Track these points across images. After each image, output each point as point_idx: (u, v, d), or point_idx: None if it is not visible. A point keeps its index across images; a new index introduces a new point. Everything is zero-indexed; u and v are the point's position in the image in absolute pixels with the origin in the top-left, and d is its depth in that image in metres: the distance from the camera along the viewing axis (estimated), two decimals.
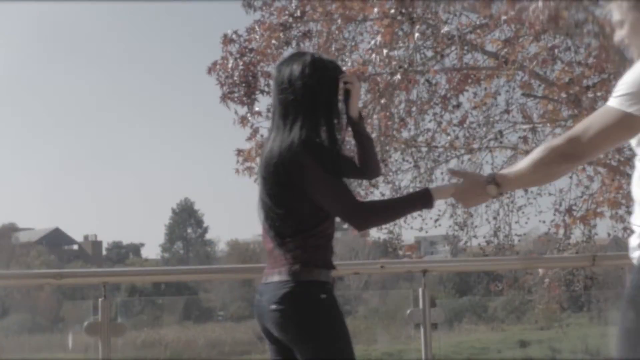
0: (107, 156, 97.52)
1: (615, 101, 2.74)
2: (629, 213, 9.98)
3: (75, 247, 70.85)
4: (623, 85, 2.74)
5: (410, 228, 11.44)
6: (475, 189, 3.12)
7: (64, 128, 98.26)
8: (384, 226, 11.14)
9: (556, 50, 9.46)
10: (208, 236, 71.35)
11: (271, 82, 3.23)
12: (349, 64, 10.21)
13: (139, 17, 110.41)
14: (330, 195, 3.11)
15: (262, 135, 10.59)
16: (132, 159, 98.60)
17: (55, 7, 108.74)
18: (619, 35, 3.03)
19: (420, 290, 4.55)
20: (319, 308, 3.10)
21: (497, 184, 3.04)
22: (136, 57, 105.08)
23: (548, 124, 10.53)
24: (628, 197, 9.93)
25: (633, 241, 2.91)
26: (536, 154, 2.90)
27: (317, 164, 3.08)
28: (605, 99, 9.66)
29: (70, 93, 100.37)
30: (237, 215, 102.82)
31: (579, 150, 2.81)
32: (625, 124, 2.73)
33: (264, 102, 10.57)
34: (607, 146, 2.89)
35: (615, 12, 3.01)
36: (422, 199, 3.18)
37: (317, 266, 3.13)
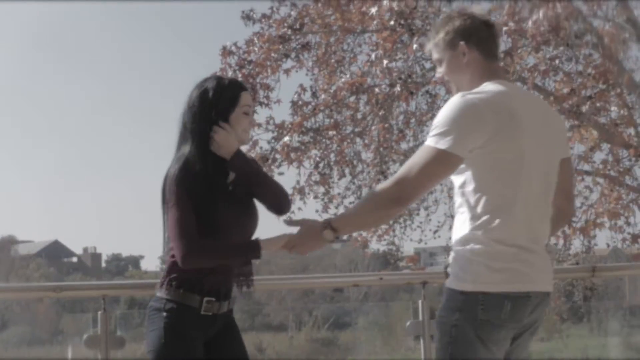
0: (107, 168, 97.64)
1: (431, 140, 2.89)
2: (629, 224, 10.01)
3: (75, 259, 70.73)
4: (436, 124, 2.90)
5: (409, 240, 11.43)
6: (311, 235, 3.13)
7: (63, 140, 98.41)
8: (384, 237, 11.14)
9: (557, 61, 9.47)
10: None
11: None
12: (348, 75, 10.23)
13: (139, 29, 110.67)
14: (171, 224, 3.21)
15: (261, 147, 10.59)
16: (131, 170, 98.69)
17: (55, 17, 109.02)
18: (439, 72, 3.22)
19: (420, 302, 4.54)
20: (157, 323, 3.26)
21: (333, 229, 3.06)
22: (136, 68, 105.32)
23: None
24: (627, 207, 9.93)
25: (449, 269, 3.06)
26: (367, 198, 3.12)
27: (180, 192, 3.20)
28: (605, 110, 9.70)
29: (70, 105, 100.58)
30: None
31: (405, 193, 2.93)
32: (442, 161, 2.88)
33: (263, 114, 10.58)
34: (431, 184, 3.02)
35: (434, 52, 3.20)
36: (250, 250, 3.26)
37: (170, 285, 3.27)
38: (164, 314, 3.24)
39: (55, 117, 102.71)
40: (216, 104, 3.29)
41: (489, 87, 2.99)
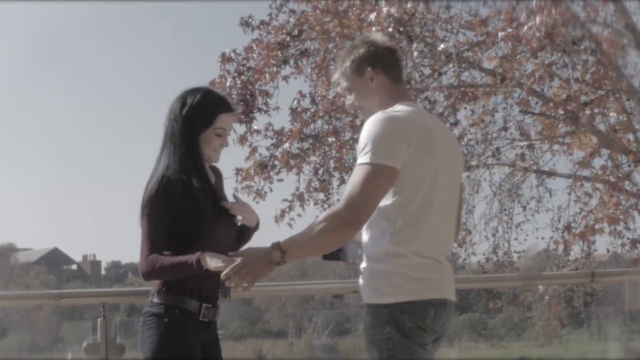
0: (106, 175, 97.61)
1: (365, 157, 2.96)
2: (628, 229, 10.01)
3: (74, 267, 70.68)
4: (365, 141, 2.98)
5: None
6: (258, 261, 3.02)
7: (61, 147, 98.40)
8: None
9: (553, 67, 9.48)
10: None
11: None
12: None
13: (137, 37, 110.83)
14: (141, 236, 3.30)
15: (260, 154, 10.59)
16: (130, 177, 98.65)
17: (52, 26, 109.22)
18: (350, 100, 3.32)
19: None
20: (156, 329, 3.26)
21: (281, 251, 2.99)
22: (135, 76, 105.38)
23: (545, 141, 10.54)
24: (627, 213, 9.93)
25: (360, 281, 3.15)
26: (319, 222, 2.98)
27: (156, 203, 3.25)
28: (603, 115, 9.70)
29: (68, 112, 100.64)
30: None
31: (356, 216, 2.95)
32: (382, 175, 2.95)
33: (262, 120, 10.58)
34: (378, 201, 3.00)
35: (342, 81, 3.31)
36: (193, 267, 3.21)
37: (170, 291, 3.29)
38: (165, 320, 3.25)
39: (53, 125, 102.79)
40: (190, 119, 3.33)
41: (401, 107, 3.12)
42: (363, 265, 3.12)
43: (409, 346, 2.98)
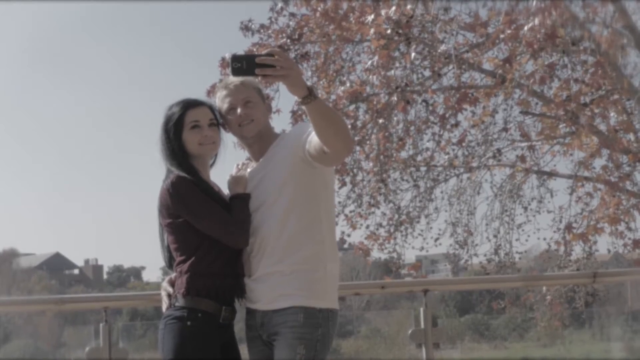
0: (107, 179, 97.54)
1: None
2: (629, 229, 10.02)
3: (76, 271, 70.67)
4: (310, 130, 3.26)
5: (411, 247, 11.43)
6: (298, 69, 3.23)
7: (62, 151, 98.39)
8: (385, 246, 11.11)
9: (554, 69, 9.48)
10: None
11: None
12: (347, 84, 10.24)
13: (137, 41, 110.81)
14: (208, 224, 3.42)
15: None
16: (131, 181, 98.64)
17: (52, 30, 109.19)
18: (251, 114, 3.56)
19: (421, 309, 4.55)
20: (178, 331, 3.35)
21: (312, 92, 3.15)
22: (135, 81, 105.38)
23: (546, 142, 10.54)
24: (628, 213, 9.94)
25: (289, 282, 3.40)
26: (345, 125, 3.25)
27: (192, 191, 3.41)
28: (603, 116, 9.70)
29: (69, 117, 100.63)
30: None
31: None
32: None
33: None
34: None
35: (243, 93, 3.57)
36: (239, 199, 3.49)
37: (193, 294, 3.39)
38: (188, 323, 3.34)
39: (54, 129, 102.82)
40: (168, 127, 3.55)
41: None
42: (294, 266, 3.33)
43: (327, 350, 3.32)
